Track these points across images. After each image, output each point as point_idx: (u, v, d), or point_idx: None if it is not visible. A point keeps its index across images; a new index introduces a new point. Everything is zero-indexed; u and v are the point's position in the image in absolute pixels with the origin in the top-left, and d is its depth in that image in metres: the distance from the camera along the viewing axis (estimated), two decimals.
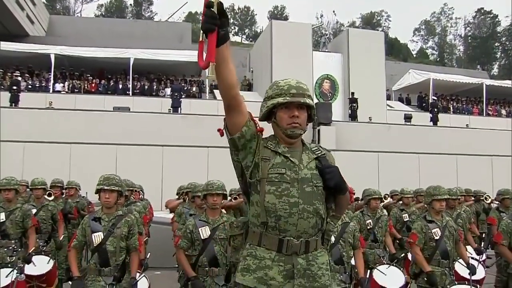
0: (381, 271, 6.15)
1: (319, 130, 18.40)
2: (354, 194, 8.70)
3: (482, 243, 8.17)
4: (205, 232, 4.60)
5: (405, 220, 7.93)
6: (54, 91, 22.22)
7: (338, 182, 2.63)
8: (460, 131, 20.85)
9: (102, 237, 4.55)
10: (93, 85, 23.83)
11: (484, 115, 28.98)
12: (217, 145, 10.17)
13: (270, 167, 2.61)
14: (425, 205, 5.87)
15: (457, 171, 17.49)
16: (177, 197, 8.21)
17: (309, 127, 16.99)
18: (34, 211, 6.51)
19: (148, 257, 5.82)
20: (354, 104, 21.63)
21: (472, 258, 6.93)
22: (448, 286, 4.97)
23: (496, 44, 66.23)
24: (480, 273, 6.72)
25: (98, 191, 4.61)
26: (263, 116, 2.74)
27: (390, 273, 6.17)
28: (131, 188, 7.42)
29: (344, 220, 4.97)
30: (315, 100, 21.37)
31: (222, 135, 2.65)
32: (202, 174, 11.74)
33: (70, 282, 8.22)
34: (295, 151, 2.71)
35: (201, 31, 2.26)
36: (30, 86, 22.49)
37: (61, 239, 7.00)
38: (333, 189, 2.65)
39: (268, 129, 2.80)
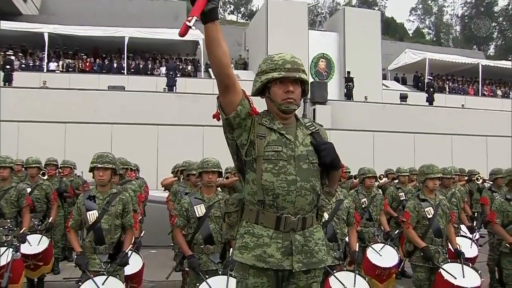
0: (375, 250, 6.20)
1: (314, 109, 18.40)
2: (349, 172, 8.79)
3: (475, 222, 8.22)
4: (200, 210, 4.60)
5: (401, 199, 7.98)
6: (48, 71, 22.05)
7: (334, 159, 2.63)
8: (456, 111, 20.87)
9: (97, 215, 4.56)
10: (87, 64, 23.64)
11: (480, 95, 28.97)
12: (212, 123, 10.12)
13: (266, 145, 2.60)
14: (417, 184, 5.90)
15: (452, 151, 17.54)
16: (172, 175, 8.21)
17: (307, 105, 16.89)
18: (29, 190, 6.49)
19: (142, 235, 5.84)
20: (350, 83, 21.60)
21: (465, 236, 7.01)
22: (442, 263, 5.00)
23: (493, 24, 65.93)
24: (473, 251, 6.79)
25: (92, 169, 4.61)
26: (256, 91, 2.72)
27: (384, 252, 6.22)
28: (126, 166, 7.41)
29: (339, 198, 4.99)
30: (311, 79, 21.31)
31: (218, 119, 2.61)
32: (198, 153, 11.77)
33: (67, 260, 8.36)
34: (290, 127, 2.70)
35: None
36: (23, 66, 22.28)
37: (54, 219, 6.98)
38: (328, 166, 2.65)
39: (260, 104, 2.77)
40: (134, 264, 5.06)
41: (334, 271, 4.61)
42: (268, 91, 2.68)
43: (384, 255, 6.15)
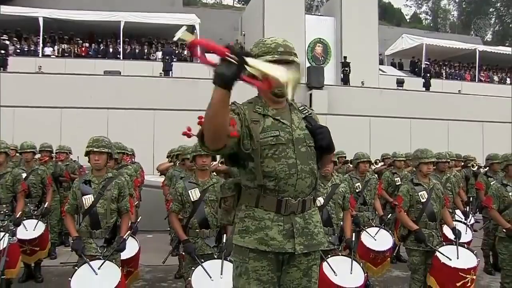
0: (369, 234, 6.24)
1: (311, 94, 18.38)
2: (345, 157, 8.80)
3: (468, 207, 8.26)
4: (194, 194, 4.60)
5: (397, 184, 7.98)
6: (43, 55, 21.96)
7: (329, 142, 2.65)
8: (452, 97, 20.89)
9: (93, 199, 4.56)
10: (83, 49, 23.52)
11: (477, 81, 29.01)
12: None
13: (262, 131, 2.59)
14: (414, 169, 5.92)
15: (448, 136, 17.58)
16: (168, 160, 8.22)
17: (304, 90, 16.87)
18: (24, 175, 6.48)
19: (139, 220, 5.85)
20: (347, 68, 21.56)
21: (460, 221, 7.05)
22: (437, 246, 5.03)
23: (491, 10, 65.63)
24: (468, 236, 6.84)
25: (87, 153, 4.60)
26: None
27: (378, 236, 6.26)
28: (121, 151, 7.41)
29: (334, 182, 5.00)
30: (307, 64, 21.26)
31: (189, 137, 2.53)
32: (194, 138, 11.73)
33: (64, 245, 8.38)
34: (284, 111, 2.69)
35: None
36: (18, 50, 22.14)
37: (50, 204, 6.98)
38: (325, 149, 2.66)
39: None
40: (130, 248, 5.07)
41: (329, 256, 4.63)
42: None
43: (378, 239, 6.19)
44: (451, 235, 5.38)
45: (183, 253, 4.67)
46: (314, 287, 2.67)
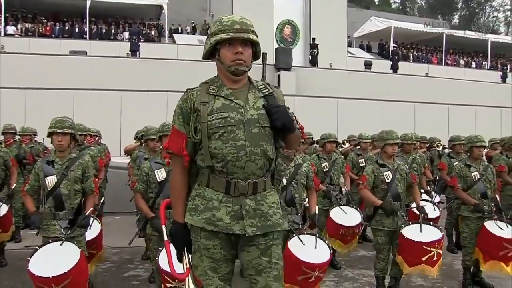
0: (340, 209, 6.35)
1: (279, 75, 18.39)
2: (312, 138, 8.85)
3: (433, 186, 8.44)
4: (161, 174, 4.57)
5: (361, 165, 8.06)
6: (6, 35, 21.40)
7: (285, 122, 2.58)
8: (419, 80, 21.20)
9: (56, 180, 4.49)
10: (47, 28, 23.01)
11: (443, 64, 29.47)
12: (176, 89, 10.03)
13: (210, 113, 2.56)
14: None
15: (415, 118, 17.83)
16: (135, 141, 8.13)
17: (272, 71, 16.81)
18: None
19: (102, 201, 5.78)
20: (315, 50, 21.63)
21: (426, 200, 7.21)
22: (403, 226, 5.11)
23: None
24: (435, 212, 7.06)
25: (50, 135, 4.51)
26: (206, 53, 2.67)
27: (347, 211, 6.37)
28: (84, 133, 7.30)
29: (297, 162, 5.00)
30: (276, 46, 21.23)
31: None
32: (161, 119, 11.51)
33: (29, 228, 8.23)
34: (240, 91, 2.65)
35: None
36: None
37: (14, 186, 6.84)
38: (280, 129, 2.61)
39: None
40: (92, 230, 5.03)
41: (294, 235, 4.65)
42: (218, 54, 2.63)
43: (347, 215, 6.28)
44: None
45: (150, 234, 4.65)
46: (275, 267, 2.64)
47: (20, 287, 5.44)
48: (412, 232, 5.00)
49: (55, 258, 4.12)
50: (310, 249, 4.54)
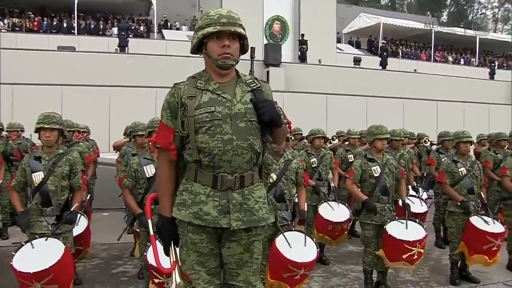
0: (329, 205, 6.36)
1: (268, 71, 18.37)
2: (301, 134, 8.86)
3: (421, 182, 8.50)
4: (150, 170, 4.57)
5: (350, 161, 8.07)
6: None
7: (272, 117, 2.58)
8: (408, 76, 21.24)
9: (43, 176, 4.46)
10: (35, 23, 22.76)
11: (432, 60, 29.59)
12: (165, 85, 9.97)
13: (197, 107, 2.56)
14: (369, 146, 6.01)
15: (404, 114, 17.91)
16: (124, 137, 8.10)
17: (261, 67, 16.78)
18: None
19: (88, 198, 5.76)
20: (304, 46, 21.58)
21: (414, 196, 7.26)
22: (388, 221, 5.14)
23: None
24: (422, 207, 7.13)
25: (37, 130, 4.48)
26: (194, 47, 2.67)
27: (335, 207, 6.40)
28: (72, 129, 7.25)
29: (287, 158, 5.01)
30: (265, 41, 21.20)
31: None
32: (150, 114, 11.49)
33: (16, 225, 8.17)
34: (228, 85, 2.66)
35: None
36: None
37: (1, 182, 6.79)
38: (267, 123, 2.61)
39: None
40: (79, 226, 5.00)
41: (282, 231, 4.65)
42: (205, 47, 2.63)
43: (336, 210, 6.30)
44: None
45: (138, 230, 4.63)
46: (256, 262, 2.68)
47: (7, 284, 5.40)
48: (396, 229, 5.04)
49: (39, 254, 4.09)
50: (297, 247, 4.54)
